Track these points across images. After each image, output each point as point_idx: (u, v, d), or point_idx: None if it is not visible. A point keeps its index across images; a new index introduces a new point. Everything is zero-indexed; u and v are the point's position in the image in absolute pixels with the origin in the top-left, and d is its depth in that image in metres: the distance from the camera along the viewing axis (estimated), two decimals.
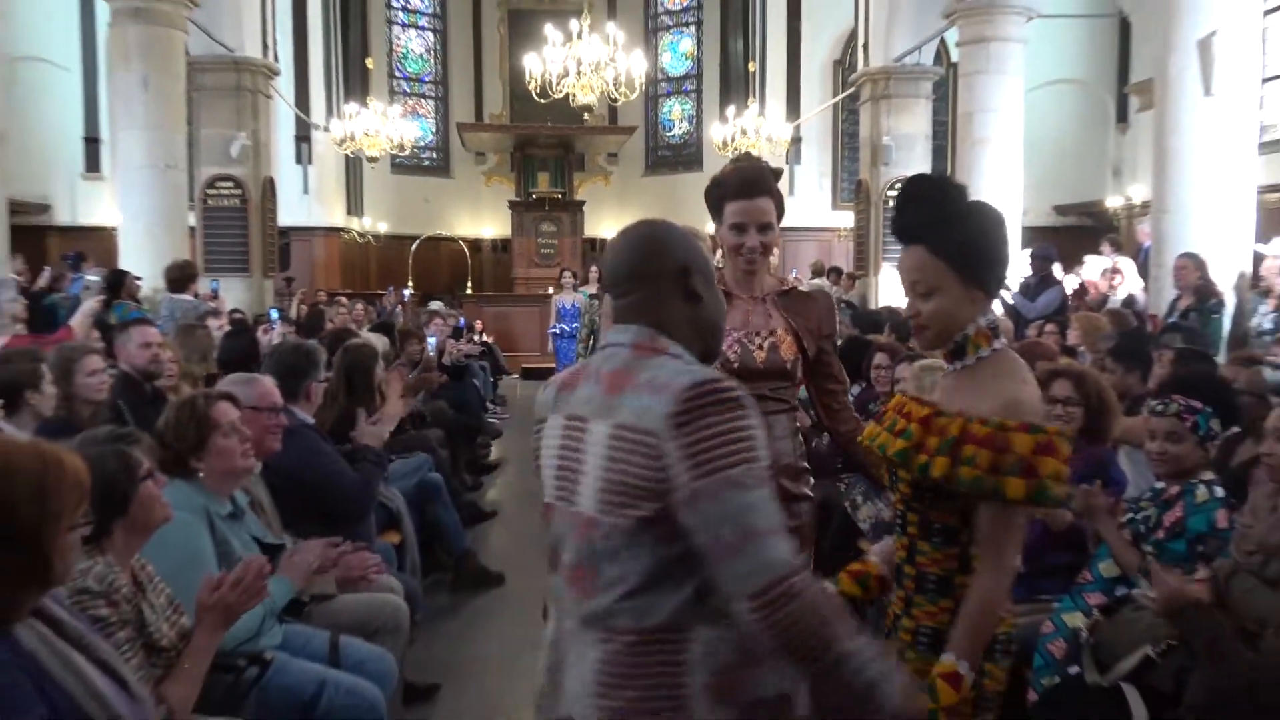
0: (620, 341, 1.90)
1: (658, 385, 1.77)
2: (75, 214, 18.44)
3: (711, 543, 1.71)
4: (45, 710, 1.86)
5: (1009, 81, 11.99)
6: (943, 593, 2.12)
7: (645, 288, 1.91)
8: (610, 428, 1.78)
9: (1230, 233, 8.00)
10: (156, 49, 11.24)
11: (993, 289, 2.17)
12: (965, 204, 2.16)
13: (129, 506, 2.58)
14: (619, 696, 1.79)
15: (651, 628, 1.78)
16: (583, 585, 1.84)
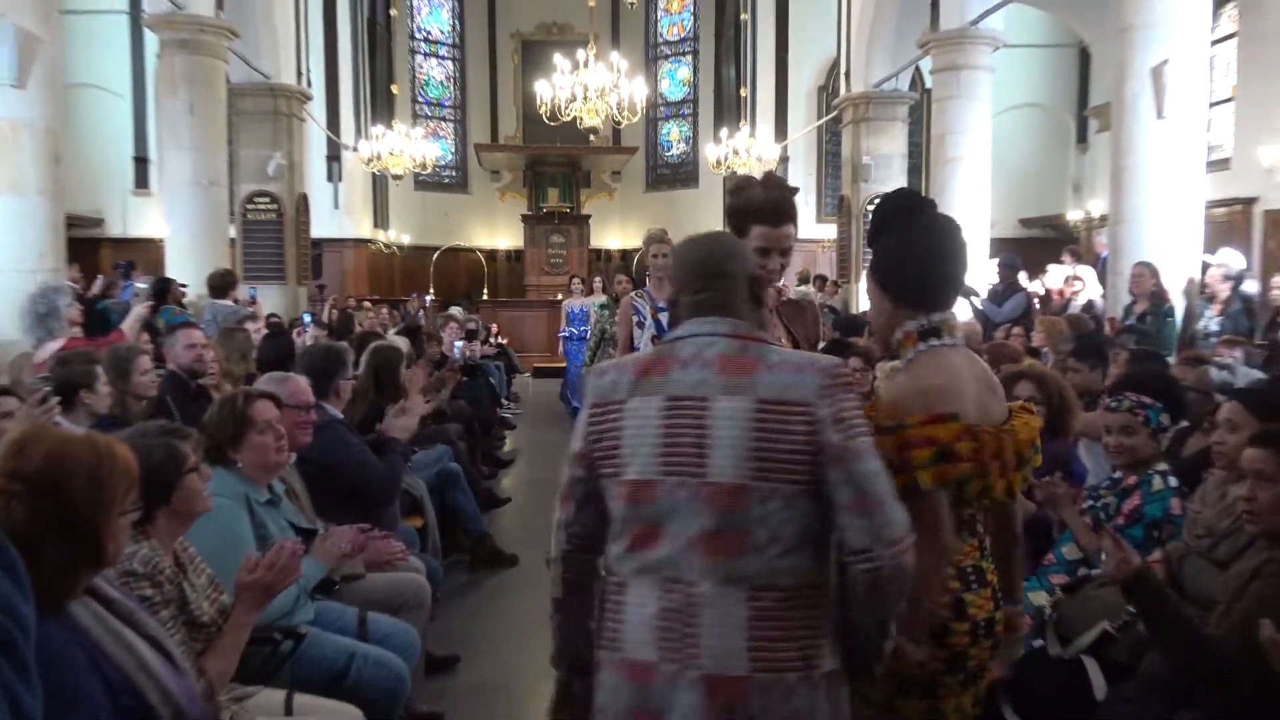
0: (714, 331, 1.91)
1: (799, 365, 1.86)
2: (126, 227, 18.42)
3: (857, 499, 1.79)
4: (99, 682, 1.86)
5: (978, 106, 11.98)
6: (982, 582, 2.11)
7: (728, 285, 1.95)
8: (753, 403, 1.82)
9: (1180, 243, 7.98)
10: (200, 76, 11.23)
11: (913, 299, 2.15)
12: (892, 223, 2.18)
13: (172, 495, 2.58)
14: (773, 648, 1.81)
15: (800, 584, 1.84)
16: (727, 549, 1.82)
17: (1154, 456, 3.43)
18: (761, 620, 1.81)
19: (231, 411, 3.33)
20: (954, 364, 2.11)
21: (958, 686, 2.06)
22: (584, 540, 2.02)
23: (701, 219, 21.98)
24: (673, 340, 1.96)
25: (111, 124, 17.99)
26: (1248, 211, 12.76)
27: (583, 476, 1.98)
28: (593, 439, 1.96)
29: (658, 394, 1.90)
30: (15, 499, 1.80)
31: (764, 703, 1.79)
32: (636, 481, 1.90)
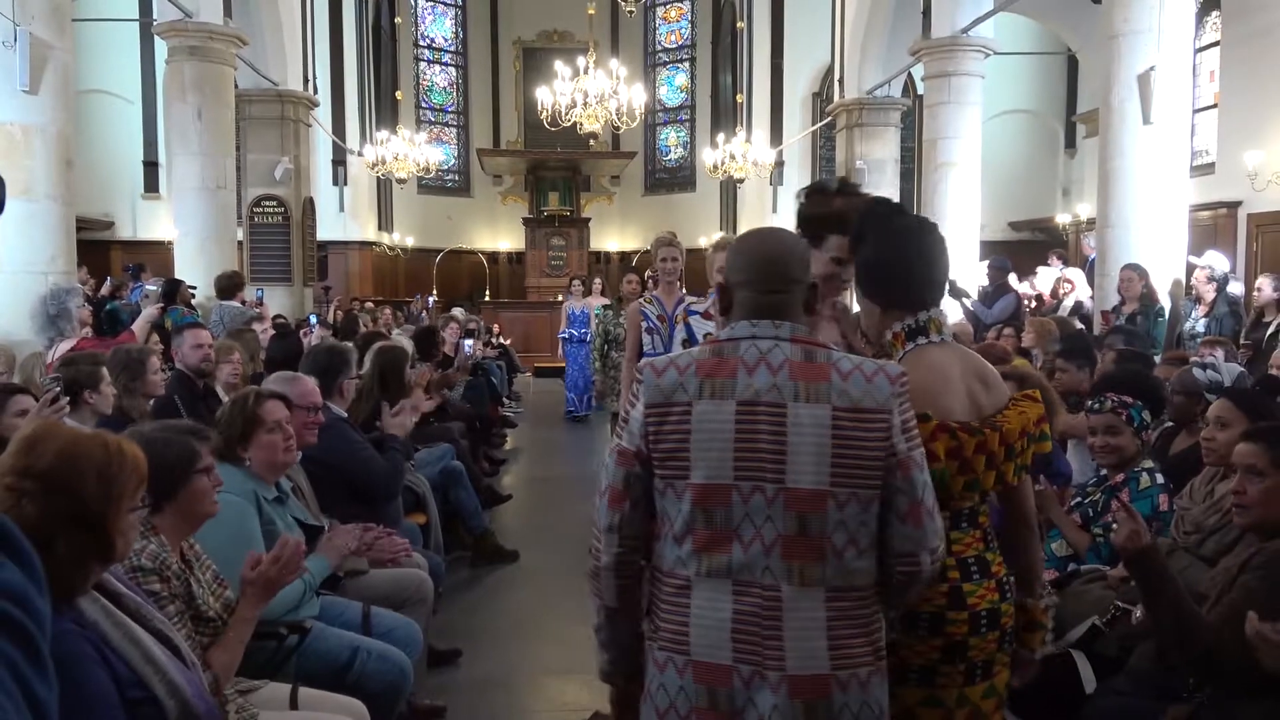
0: (779, 335, 1.88)
1: (869, 372, 1.86)
2: (136, 230, 18.42)
3: (911, 507, 1.84)
4: (107, 675, 1.86)
5: (969, 111, 11.97)
6: (985, 573, 2.09)
7: (795, 290, 1.93)
8: (830, 409, 1.82)
9: (1166, 246, 7.98)
10: (209, 83, 11.23)
11: (897, 301, 2.16)
12: (870, 231, 2.18)
13: (180, 492, 2.57)
14: (850, 645, 1.84)
15: (870, 584, 1.88)
16: (808, 553, 1.83)
17: (1139, 454, 3.44)
18: (840, 620, 1.84)
19: (242, 410, 3.32)
20: (940, 361, 2.11)
21: (959, 677, 2.04)
22: (636, 542, 1.95)
23: (699, 222, 21.99)
24: (731, 340, 1.91)
25: (122, 129, 17.99)
26: (1232, 215, 12.77)
27: (641, 474, 1.92)
28: (653, 439, 1.90)
29: (728, 398, 1.85)
30: (27, 496, 1.80)
31: (844, 698, 1.83)
32: (706, 485, 1.86)
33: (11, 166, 6.66)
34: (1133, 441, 3.41)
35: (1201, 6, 12.62)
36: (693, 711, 1.87)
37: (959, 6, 11.62)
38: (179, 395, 4.92)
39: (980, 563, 2.08)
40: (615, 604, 1.98)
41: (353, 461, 4.22)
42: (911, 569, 1.86)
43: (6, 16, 6.70)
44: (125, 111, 18.05)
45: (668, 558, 1.92)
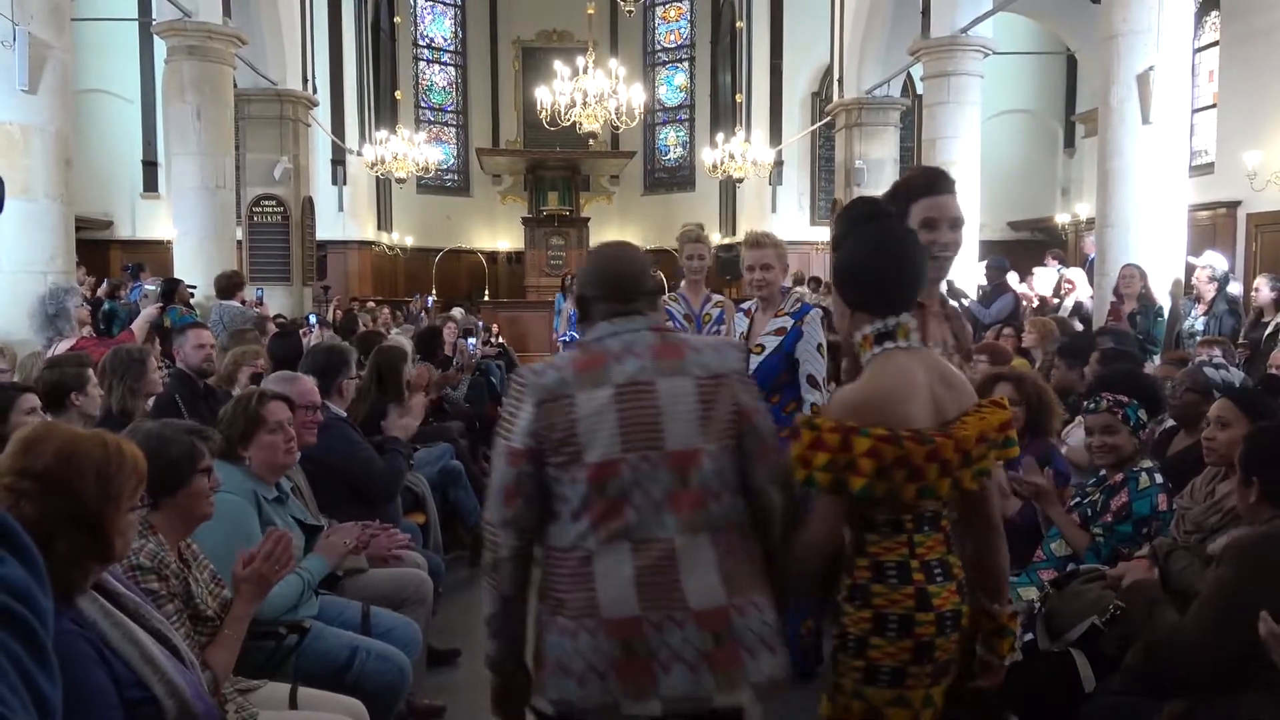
0: (637, 327, 2.14)
1: (717, 346, 2.20)
2: (135, 229, 18.41)
3: (762, 446, 2.14)
4: (106, 675, 1.86)
5: (968, 111, 11.99)
6: (947, 575, 2.12)
7: (644, 299, 2.20)
8: (691, 380, 2.09)
9: (1165, 246, 7.99)
10: (208, 82, 11.23)
11: (868, 304, 2.17)
12: (847, 234, 2.21)
13: (178, 491, 2.57)
14: (738, 576, 2.08)
15: (742, 521, 2.13)
16: (694, 503, 2.06)
17: (1136, 453, 3.44)
18: (728, 556, 2.08)
19: (245, 409, 3.33)
20: (905, 367, 2.14)
21: (926, 678, 2.08)
22: (530, 534, 2.11)
23: (698, 221, 21.97)
24: (595, 339, 2.15)
25: (121, 128, 17.98)
26: (1231, 215, 12.78)
27: (530, 472, 2.08)
28: (543, 432, 2.07)
29: (605, 384, 2.07)
30: (25, 496, 1.79)
31: (744, 622, 2.05)
32: (601, 463, 2.05)
33: (10, 166, 6.65)
34: (1130, 441, 3.42)
35: (1200, 6, 12.64)
36: (611, 667, 2.03)
37: (958, 6, 11.63)
38: (180, 394, 4.92)
39: (943, 565, 2.12)
40: (512, 593, 2.14)
41: (352, 462, 4.22)
42: (767, 504, 2.14)
43: (5, 16, 6.70)
44: (124, 111, 18.04)
45: (567, 536, 2.09)
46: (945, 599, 2.09)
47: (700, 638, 2.02)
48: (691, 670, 2.03)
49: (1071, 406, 5.34)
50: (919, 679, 2.07)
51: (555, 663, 2.08)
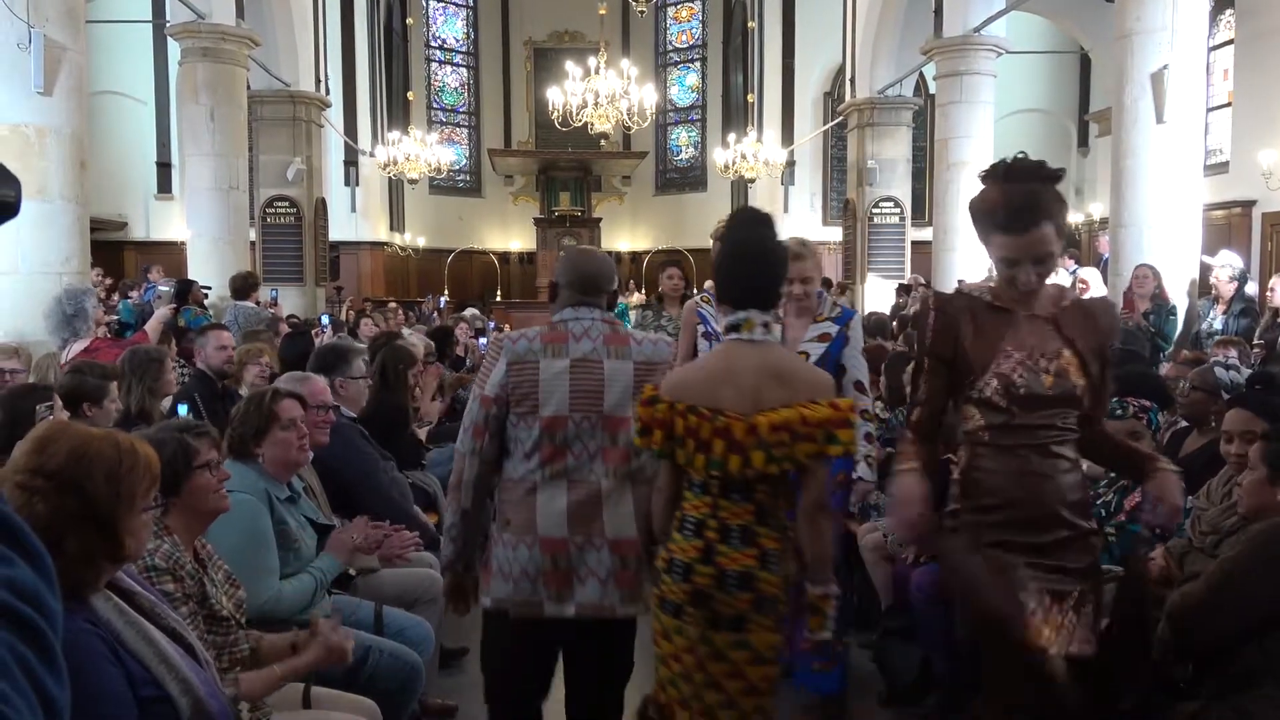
0: (594, 317, 2.73)
1: (653, 340, 2.83)
2: (149, 230, 18.52)
3: None
4: (120, 673, 1.86)
5: (981, 110, 11.95)
6: (746, 541, 2.39)
7: (602, 296, 2.78)
8: (631, 364, 2.70)
9: (1179, 245, 7.95)
10: (221, 84, 11.28)
11: (725, 296, 2.58)
12: (722, 237, 2.63)
13: (180, 489, 2.58)
14: (644, 514, 2.65)
15: (655, 476, 2.60)
16: (620, 458, 2.67)
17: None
18: (641, 501, 2.65)
19: (259, 407, 3.34)
20: (734, 355, 2.48)
21: (702, 620, 2.38)
22: (491, 464, 2.71)
23: (710, 222, 21.93)
24: (561, 320, 2.74)
25: (135, 130, 18.08)
26: (1247, 214, 12.70)
27: (497, 414, 2.68)
28: (511, 387, 2.66)
29: (564, 357, 2.66)
30: (38, 494, 1.80)
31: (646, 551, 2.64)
32: (552, 417, 2.65)
33: (26, 168, 6.69)
34: (1151, 444, 3.41)
35: (1215, 5, 12.56)
36: (540, 574, 2.64)
37: (971, 5, 11.60)
38: (199, 394, 4.93)
39: (744, 531, 2.39)
40: (470, 508, 2.72)
41: (355, 472, 4.16)
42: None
43: (21, 18, 6.73)
44: (138, 112, 18.14)
45: (519, 470, 2.69)
46: (734, 560, 2.37)
47: (612, 560, 2.64)
48: (602, 584, 2.64)
49: None
50: (694, 619, 2.39)
51: (498, 569, 2.69)
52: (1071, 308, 2.50)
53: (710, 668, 2.41)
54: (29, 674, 0.71)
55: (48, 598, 0.75)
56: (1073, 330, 2.44)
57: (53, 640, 0.74)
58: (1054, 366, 2.40)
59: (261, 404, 3.35)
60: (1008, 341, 2.41)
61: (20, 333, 6.60)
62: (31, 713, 0.69)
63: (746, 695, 2.41)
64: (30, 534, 0.76)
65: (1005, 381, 2.38)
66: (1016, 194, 2.47)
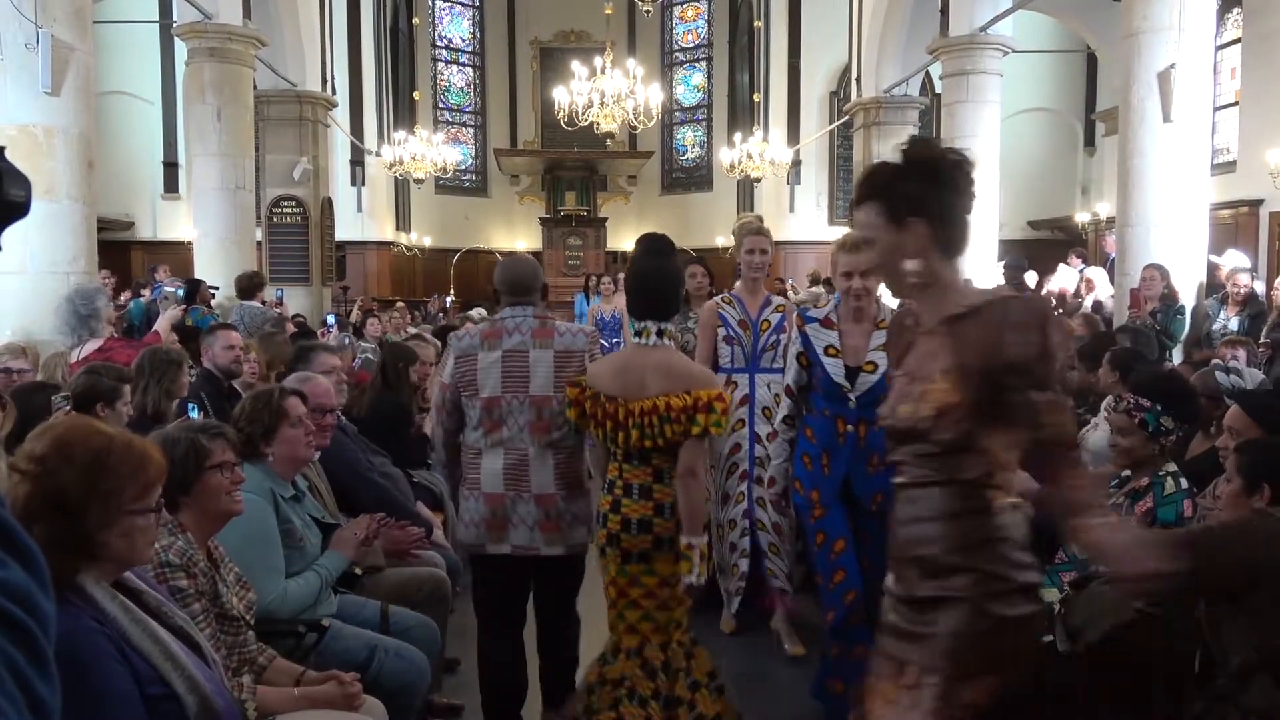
0: (525, 314, 3.43)
1: (574, 331, 3.48)
2: (156, 230, 18.54)
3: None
4: (127, 672, 1.87)
5: (987, 110, 11.93)
6: (645, 496, 3.16)
7: (533, 294, 3.49)
8: (553, 352, 3.38)
9: (1186, 245, 7.93)
10: (228, 84, 11.29)
11: (633, 312, 3.31)
12: (631, 260, 3.48)
13: (192, 489, 2.58)
14: (566, 477, 3.43)
15: (574, 445, 3.46)
16: (543, 430, 3.38)
17: (1154, 459, 3.36)
18: (561, 464, 3.41)
19: (267, 405, 3.35)
20: (631, 355, 3.28)
21: (619, 557, 3.17)
22: (452, 432, 3.52)
23: (716, 222, 21.96)
24: (499, 318, 3.47)
25: (142, 130, 18.11)
26: (1254, 213, 12.68)
27: (451, 397, 3.46)
28: (458, 375, 3.43)
29: (497, 349, 3.39)
30: (24, 477, 1.82)
31: (564, 505, 3.41)
32: (489, 398, 3.39)
33: (34, 168, 6.70)
34: (1145, 445, 3.34)
35: (1222, 3, 12.51)
36: (483, 520, 3.42)
37: (977, 4, 11.57)
38: (205, 393, 4.95)
39: (643, 488, 3.15)
40: (447, 460, 3.64)
41: (347, 475, 4.18)
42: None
43: (29, 19, 6.75)
44: (145, 112, 18.17)
45: (470, 438, 3.46)
46: (635, 510, 3.15)
47: (537, 511, 3.38)
48: (530, 530, 3.38)
49: (1091, 407, 5.32)
50: (612, 558, 3.19)
51: (463, 514, 3.51)
52: (966, 319, 2.00)
53: (630, 592, 3.18)
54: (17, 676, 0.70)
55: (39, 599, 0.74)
56: (960, 346, 2.00)
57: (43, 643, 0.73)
58: (917, 391, 2.04)
59: (270, 402, 3.36)
60: (904, 365, 2.13)
61: (28, 332, 6.61)
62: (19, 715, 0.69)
63: (660, 610, 3.16)
64: (23, 534, 0.76)
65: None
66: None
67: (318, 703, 2.61)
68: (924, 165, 2.11)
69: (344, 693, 2.64)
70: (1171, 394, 3.40)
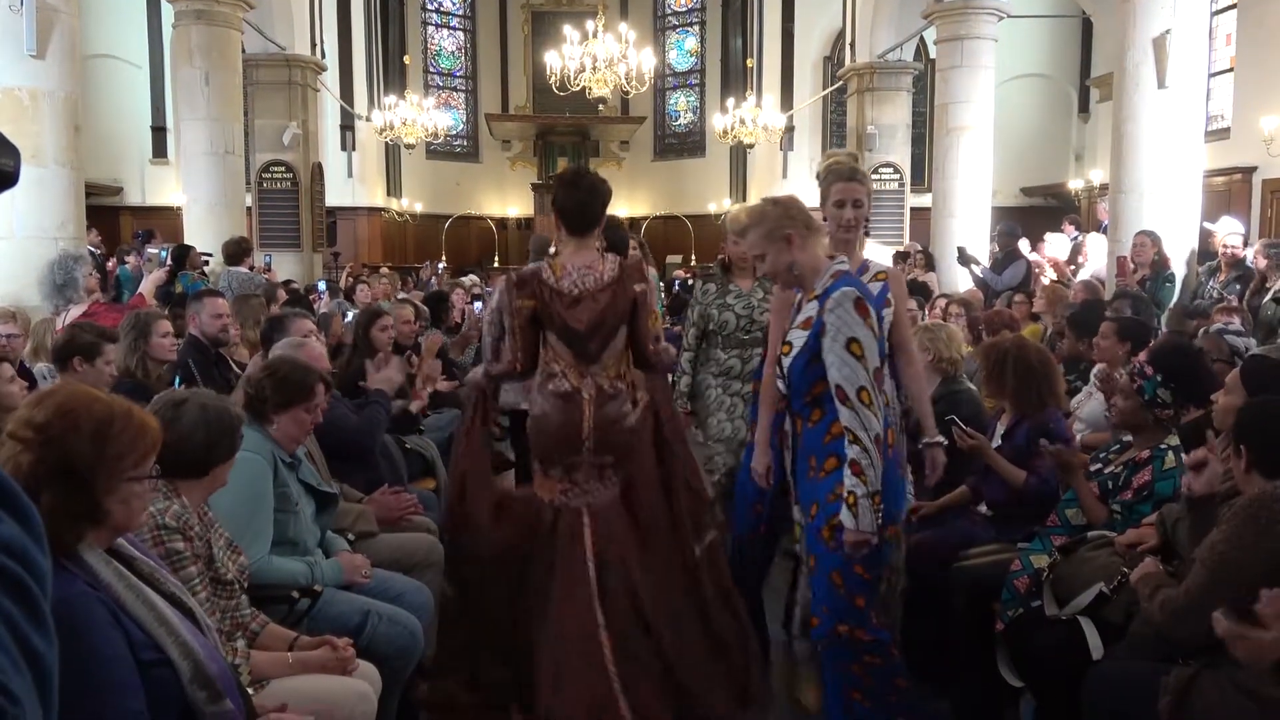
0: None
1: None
2: (145, 195, 18.41)
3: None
4: (121, 637, 1.87)
5: (981, 75, 11.87)
6: None
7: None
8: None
9: (1179, 212, 7.92)
10: (216, 47, 11.18)
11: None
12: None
13: (211, 467, 2.61)
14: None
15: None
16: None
17: (1151, 428, 3.36)
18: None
19: (301, 383, 3.32)
20: None
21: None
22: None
23: (709, 188, 21.91)
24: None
25: (129, 94, 17.94)
26: (1247, 180, 12.68)
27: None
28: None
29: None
30: (24, 446, 1.82)
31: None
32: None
33: (20, 133, 6.63)
34: (1138, 412, 3.33)
35: None
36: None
37: None
38: (193, 360, 4.93)
39: None
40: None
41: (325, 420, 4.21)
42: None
43: None
44: (133, 76, 17.99)
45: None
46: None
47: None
48: None
49: (1082, 375, 5.33)
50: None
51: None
52: None
53: None
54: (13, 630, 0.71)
55: (35, 555, 0.75)
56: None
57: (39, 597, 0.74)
58: None
59: (304, 382, 3.34)
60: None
61: (16, 298, 6.59)
62: (15, 668, 0.69)
63: None
64: (19, 493, 0.76)
65: None
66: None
67: (311, 668, 2.63)
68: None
69: (338, 657, 2.66)
70: (1176, 370, 3.33)
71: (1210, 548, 2.44)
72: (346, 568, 3.25)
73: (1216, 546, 2.43)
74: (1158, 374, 3.29)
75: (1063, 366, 5.46)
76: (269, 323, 5.02)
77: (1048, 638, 2.99)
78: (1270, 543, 2.33)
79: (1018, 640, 3.15)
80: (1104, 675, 2.71)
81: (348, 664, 2.67)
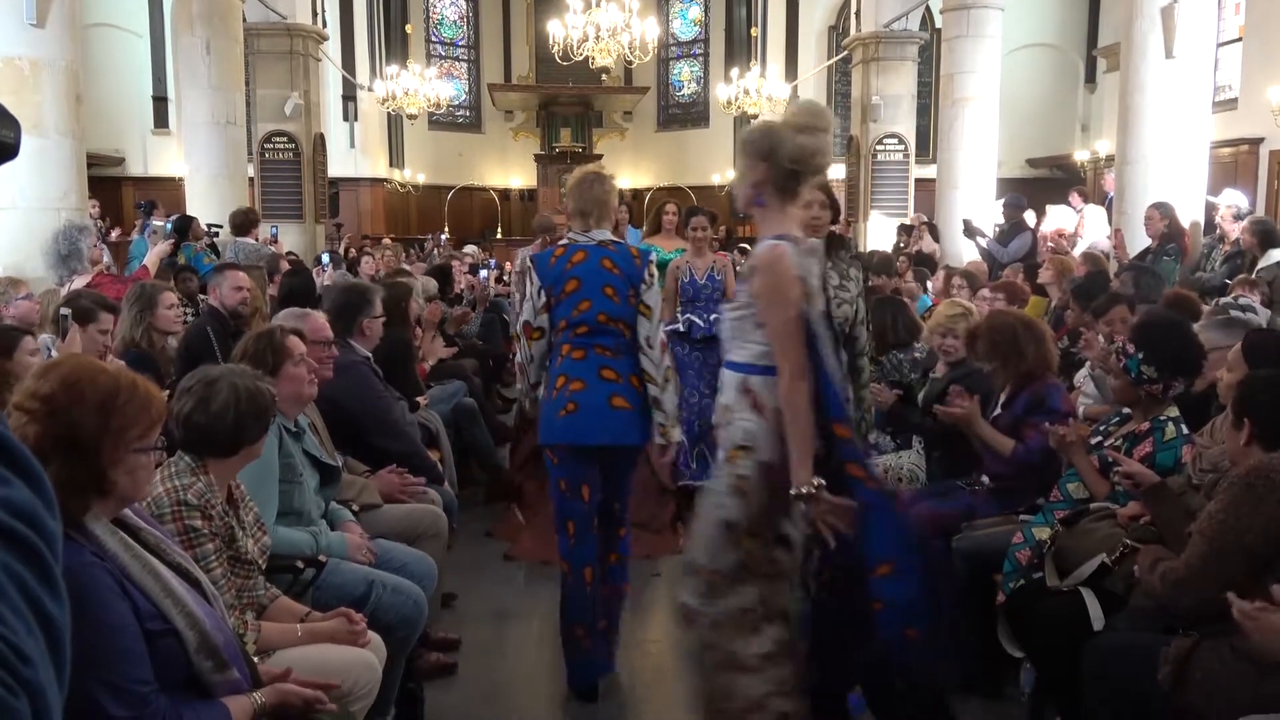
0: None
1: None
2: (147, 166, 18.34)
3: None
4: (128, 607, 1.89)
5: (987, 45, 11.79)
6: None
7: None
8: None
9: (1185, 183, 7.89)
10: (217, 16, 11.11)
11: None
12: None
13: (240, 447, 2.62)
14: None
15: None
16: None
17: (1146, 401, 3.36)
18: None
19: (270, 344, 3.34)
20: None
21: None
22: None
23: (713, 159, 21.80)
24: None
25: (131, 63, 17.84)
26: (1254, 151, 12.60)
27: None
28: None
29: None
30: (31, 417, 1.83)
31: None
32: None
33: (21, 102, 6.60)
34: (1126, 388, 3.34)
35: None
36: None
37: None
38: (213, 330, 4.93)
39: None
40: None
41: (364, 408, 4.20)
42: None
43: None
44: (133, 45, 17.88)
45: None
46: None
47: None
48: None
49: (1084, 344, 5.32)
50: None
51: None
52: None
53: None
54: (26, 594, 0.71)
55: (45, 518, 0.75)
56: None
57: (50, 561, 0.74)
58: None
59: (272, 341, 3.35)
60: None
61: (20, 268, 6.58)
62: (29, 632, 0.70)
63: None
64: (29, 455, 0.76)
65: None
66: None
67: (320, 638, 2.64)
68: None
69: (350, 630, 2.68)
70: (1155, 344, 3.30)
71: (1208, 517, 2.46)
72: (350, 547, 3.27)
73: (1215, 516, 2.45)
74: (1139, 351, 3.27)
75: (1067, 339, 5.47)
76: (355, 291, 4.91)
77: (1049, 608, 3.01)
78: (1268, 509, 2.34)
79: (1019, 612, 3.16)
80: (1104, 646, 2.72)
81: (360, 637, 2.69)
